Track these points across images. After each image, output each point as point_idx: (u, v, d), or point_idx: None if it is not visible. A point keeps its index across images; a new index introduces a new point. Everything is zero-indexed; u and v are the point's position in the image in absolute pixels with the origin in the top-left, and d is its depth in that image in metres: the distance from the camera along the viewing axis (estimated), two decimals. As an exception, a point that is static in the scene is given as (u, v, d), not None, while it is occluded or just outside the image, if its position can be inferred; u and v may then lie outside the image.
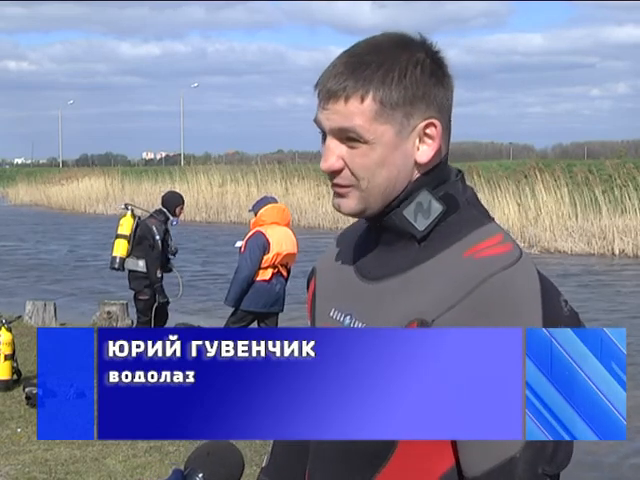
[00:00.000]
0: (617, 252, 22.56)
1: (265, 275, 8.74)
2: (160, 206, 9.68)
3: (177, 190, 12.63)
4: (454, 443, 1.46)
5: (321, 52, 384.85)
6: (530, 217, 24.27)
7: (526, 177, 25.95)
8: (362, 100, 1.49)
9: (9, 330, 8.33)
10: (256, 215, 8.85)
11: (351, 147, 1.51)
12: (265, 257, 8.69)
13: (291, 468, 1.83)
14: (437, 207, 1.53)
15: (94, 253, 24.00)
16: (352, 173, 1.52)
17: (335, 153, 1.52)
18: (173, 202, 9.54)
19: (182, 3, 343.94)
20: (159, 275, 9.30)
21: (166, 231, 9.40)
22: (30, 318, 12.02)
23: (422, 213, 1.52)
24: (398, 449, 1.50)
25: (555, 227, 23.94)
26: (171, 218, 9.47)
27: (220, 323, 9.68)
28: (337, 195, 1.56)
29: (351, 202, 1.54)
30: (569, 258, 21.47)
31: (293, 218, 12.32)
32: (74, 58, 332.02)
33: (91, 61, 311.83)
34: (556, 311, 1.44)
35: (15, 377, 8.42)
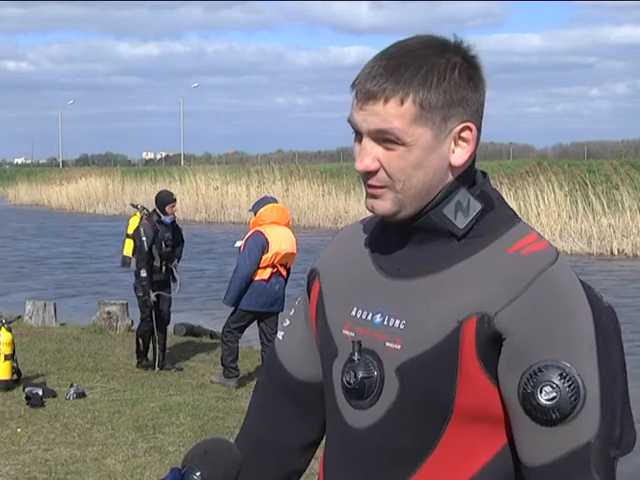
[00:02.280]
0: (616, 252, 22.57)
1: (264, 275, 8.74)
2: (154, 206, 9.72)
3: (170, 189, 12.62)
4: (506, 430, 1.48)
5: (320, 52, 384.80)
6: (530, 217, 24.25)
7: (526, 177, 25.95)
8: (402, 102, 1.49)
9: (9, 330, 8.32)
10: (256, 215, 8.87)
11: (388, 148, 1.51)
12: (264, 256, 8.69)
13: (255, 458, 1.76)
14: (477, 205, 1.55)
15: (76, 251, 24.14)
16: (388, 174, 1.52)
17: (371, 154, 1.52)
18: (163, 201, 9.56)
19: (180, 3, 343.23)
20: (143, 275, 9.36)
21: (157, 231, 9.42)
22: (30, 318, 12.02)
23: (462, 211, 1.54)
24: (441, 443, 1.51)
25: (554, 227, 23.95)
26: (162, 217, 9.49)
27: (220, 323, 9.69)
28: (371, 196, 1.56)
29: (385, 203, 1.54)
30: (568, 258, 21.48)
31: (293, 218, 12.33)
32: (73, 58, 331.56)
33: (90, 61, 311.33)
34: (598, 304, 1.51)
35: (15, 377, 8.42)
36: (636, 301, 15.44)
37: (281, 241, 8.76)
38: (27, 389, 7.99)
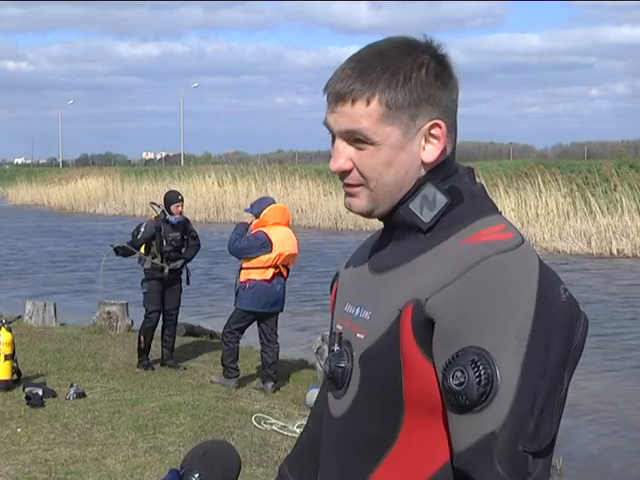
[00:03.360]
0: (615, 252, 22.58)
1: (266, 275, 8.75)
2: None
3: (176, 189, 12.68)
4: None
5: (319, 52, 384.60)
6: (530, 217, 24.27)
7: (526, 177, 25.97)
8: (368, 103, 1.53)
9: (9, 330, 8.33)
10: (258, 216, 8.85)
11: (359, 148, 1.56)
12: (267, 257, 8.70)
13: (312, 458, 1.84)
14: (442, 199, 1.57)
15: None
16: (360, 173, 1.57)
17: (344, 154, 1.57)
18: (169, 201, 9.66)
19: (180, 3, 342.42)
20: (130, 248, 9.59)
21: (160, 229, 9.47)
22: (30, 318, 12.02)
23: (427, 205, 1.57)
24: (401, 434, 1.54)
25: (554, 227, 23.96)
26: (168, 216, 9.55)
27: (221, 323, 9.69)
28: (348, 195, 1.61)
29: (361, 201, 1.60)
30: (568, 258, 21.48)
31: (293, 218, 12.32)
32: (72, 58, 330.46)
33: (90, 61, 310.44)
34: (552, 297, 1.47)
35: (15, 377, 8.42)
36: (614, 297, 15.57)
37: (284, 242, 8.77)
38: (27, 389, 8.00)
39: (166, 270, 9.52)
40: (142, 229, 9.49)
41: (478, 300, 1.44)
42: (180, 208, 9.64)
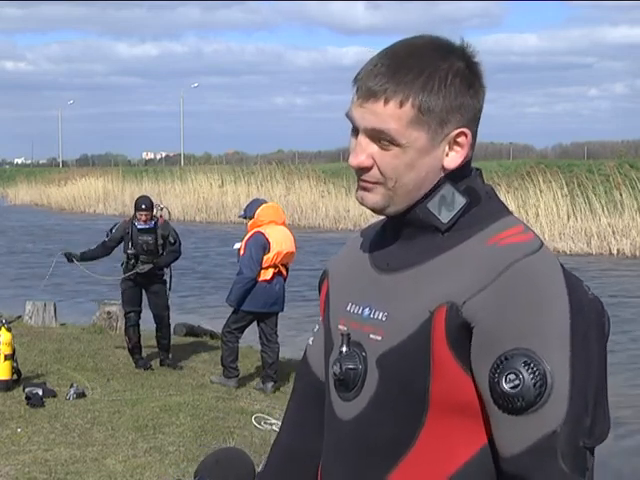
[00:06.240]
0: (615, 252, 22.59)
1: (266, 275, 8.74)
2: None
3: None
4: (486, 424, 1.49)
5: (319, 52, 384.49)
6: (529, 217, 24.27)
7: (526, 177, 25.98)
8: (401, 105, 1.51)
9: (9, 330, 8.33)
10: (252, 218, 8.83)
11: (383, 147, 1.54)
12: (266, 257, 8.69)
13: (287, 471, 1.83)
14: (460, 200, 1.56)
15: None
16: (381, 172, 1.55)
17: (366, 151, 1.55)
18: (135, 206, 9.64)
19: (179, 3, 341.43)
20: (79, 254, 9.78)
21: (128, 233, 9.48)
22: (30, 318, 12.02)
23: (446, 206, 1.56)
24: (422, 435, 1.53)
25: (554, 227, 23.96)
26: (134, 220, 9.55)
27: (220, 323, 9.69)
28: (362, 188, 1.59)
29: (375, 197, 1.57)
30: (567, 258, 21.47)
31: (293, 218, 12.31)
32: (71, 58, 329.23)
33: (89, 61, 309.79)
34: (581, 295, 1.49)
35: (15, 377, 8.42)
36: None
37: (281, 241, 8.76)
38: (27, 389, 8.00)
39: (133, 272, 9.46)
40: (111, 231, 9.58)
41: (516, 303, 1.45)
42: (144, 217, 9.49)
